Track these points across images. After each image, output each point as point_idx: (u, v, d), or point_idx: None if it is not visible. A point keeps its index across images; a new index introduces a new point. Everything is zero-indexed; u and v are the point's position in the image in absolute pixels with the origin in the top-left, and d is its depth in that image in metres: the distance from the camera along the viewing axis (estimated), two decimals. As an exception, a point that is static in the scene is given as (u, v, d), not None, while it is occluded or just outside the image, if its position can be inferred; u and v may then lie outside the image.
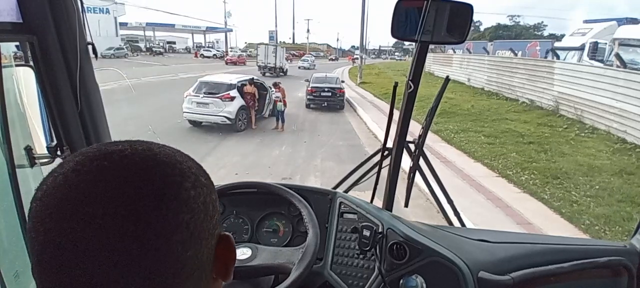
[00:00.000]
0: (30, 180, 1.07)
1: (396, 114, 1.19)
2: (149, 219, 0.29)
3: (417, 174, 1.29)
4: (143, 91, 12.75)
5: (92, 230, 0.27)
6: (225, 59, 33.01)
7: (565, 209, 4.35)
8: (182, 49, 45.60)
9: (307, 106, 11.84)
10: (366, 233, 0.86)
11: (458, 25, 0.95)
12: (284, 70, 23.83)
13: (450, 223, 1.32)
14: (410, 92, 1.08)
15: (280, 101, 9.14)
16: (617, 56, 8.63)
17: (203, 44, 50.15)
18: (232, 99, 8.76)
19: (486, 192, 4.88)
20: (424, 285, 0.84)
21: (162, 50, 39.86)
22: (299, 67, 30.33)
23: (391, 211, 1.15)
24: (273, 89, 9.63)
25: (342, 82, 13.06)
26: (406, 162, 1.28)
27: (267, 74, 21.26)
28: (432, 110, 1.25)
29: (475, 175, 5.53)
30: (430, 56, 14.52)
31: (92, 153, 0.31)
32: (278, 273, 0.90)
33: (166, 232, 0.29)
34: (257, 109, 9.45)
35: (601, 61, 11.98)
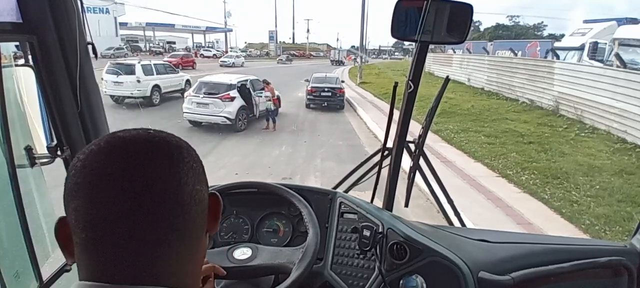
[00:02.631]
0: (30, 180, 1.07)
1: (396, 114, 1.19)
2: (172, 162, 0.40)
3: (417, 174, 1.29)
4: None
5: (137, 175, 0.38)
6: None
7: (565, 209, 4.35)
8: (182, 48, 45.48)
9: (307, 106, 11.83)
10: (366, 233, 0.86)
11: (458, 25, 0.95)
12: (343, 62, 41.26)
13: (450, 223, 1.32)
14: (410, 92, 1.08)
15: (269, 100, 9.07)
16: (617, 56, 8.63)
17: (203, 44, 50.17)
18: (232, 99, 8.76)
19: (486, 192, 4.88)
20: (424, 285, 0.84)
21: (162, 50, 39.77)
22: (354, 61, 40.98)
23: (391, 211, 1.15)
24: (264, 89, 9.55)
25: (342, 82, 13.06)
26: (406, 162, 1.28)
27: (334, 64, 38.93)
28: (432, 110, 1.25)
29: (476, 175, 5.53)
30: (430, 56, 14.53)
31: (120, 135, 0.40)
32: (278, 273, 0.90)
33: (183, 168, 0.40)
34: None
35: (601, 61, 11.97)
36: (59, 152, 0.99)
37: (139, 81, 10.71)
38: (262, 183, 1.04)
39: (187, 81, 12.82)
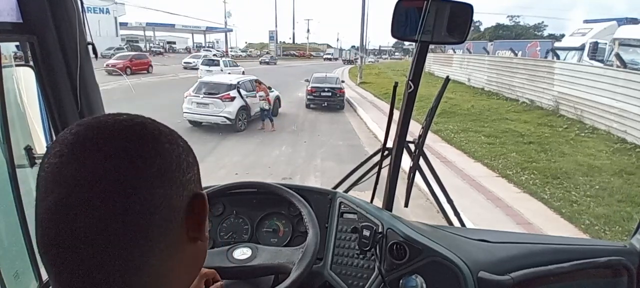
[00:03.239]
0: (30, 180, 1.06)
1: (396, 114, 1.19)
2: (129, 157, 0.34)
3: (417, 174, 1.29)
4: (143, 91, 12.76)
5: (92, 168, 0.32)
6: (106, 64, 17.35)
7: (565, 209, 4.35)
8: (182, 48, 45.55)
9: (307, 106, 11.83)
10: (366, 233, 0.86)
11: (458, 25, 0.94)
12: (352, 60, 42.25)
13: (450, 223, 1.32)
14: (410, 92, 1.08)
15: (263, 99, 9.06)
16: (617, 56, 8.63)
17: (203, 44, 50.18)
18: (232, 99, 8.76)
19: (486, 192, 4.88)
20: (424, 285, 0.84)
21: (162, 50, 39.82)
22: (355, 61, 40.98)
23: (391, 211, 1.15)
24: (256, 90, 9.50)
25: (342, 82, 13.07)
26: (406, 162, 1.28)
27: (345, 63, 42.16)
28: (432, 110, 1.25)
29: (475, 175, 5.53)
30: (430, 56, 14.51)
31: (86, 121, 0.36)
32: (278, 273, 0.90)
33: (140, 166, 0.34)
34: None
35: (601, 61, 11.97)
36: (59, 152, 0.98)
37: (221, 70, 16.64)
38: (261, 183, 1.04)
39: (243, 72, 17.52)
